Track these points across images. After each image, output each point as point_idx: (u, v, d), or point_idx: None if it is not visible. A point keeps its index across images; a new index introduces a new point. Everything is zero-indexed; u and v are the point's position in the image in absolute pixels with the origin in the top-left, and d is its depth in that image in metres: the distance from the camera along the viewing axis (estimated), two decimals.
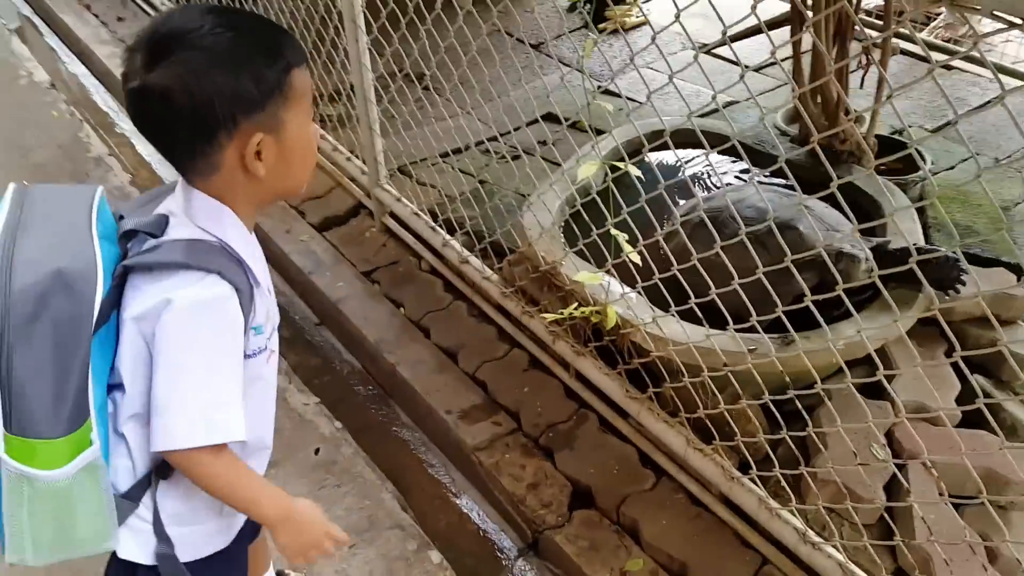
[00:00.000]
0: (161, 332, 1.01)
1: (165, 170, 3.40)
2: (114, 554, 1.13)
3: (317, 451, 2.12)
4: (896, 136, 2.86)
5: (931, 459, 1.74)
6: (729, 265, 1.60)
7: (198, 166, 1.05)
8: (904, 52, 3.52)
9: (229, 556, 1.25)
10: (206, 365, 1.03)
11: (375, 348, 2.45)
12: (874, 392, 1.86)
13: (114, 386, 1.07)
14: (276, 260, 2.89)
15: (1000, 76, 1.14)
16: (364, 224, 2.90)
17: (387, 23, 2.38)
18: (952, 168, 2.86)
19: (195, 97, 0.97)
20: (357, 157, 2.89)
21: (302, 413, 2.22)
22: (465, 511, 2.11)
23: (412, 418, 2.39)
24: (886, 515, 1.65)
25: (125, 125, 3.73)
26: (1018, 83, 3.13)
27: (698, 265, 1.68)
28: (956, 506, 1.74)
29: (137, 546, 1.12)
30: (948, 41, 3.75)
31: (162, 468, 1.10)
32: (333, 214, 2.96)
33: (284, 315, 2.71)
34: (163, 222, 1.08)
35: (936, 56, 3.53)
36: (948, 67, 3.48)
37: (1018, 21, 2.54)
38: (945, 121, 3.14)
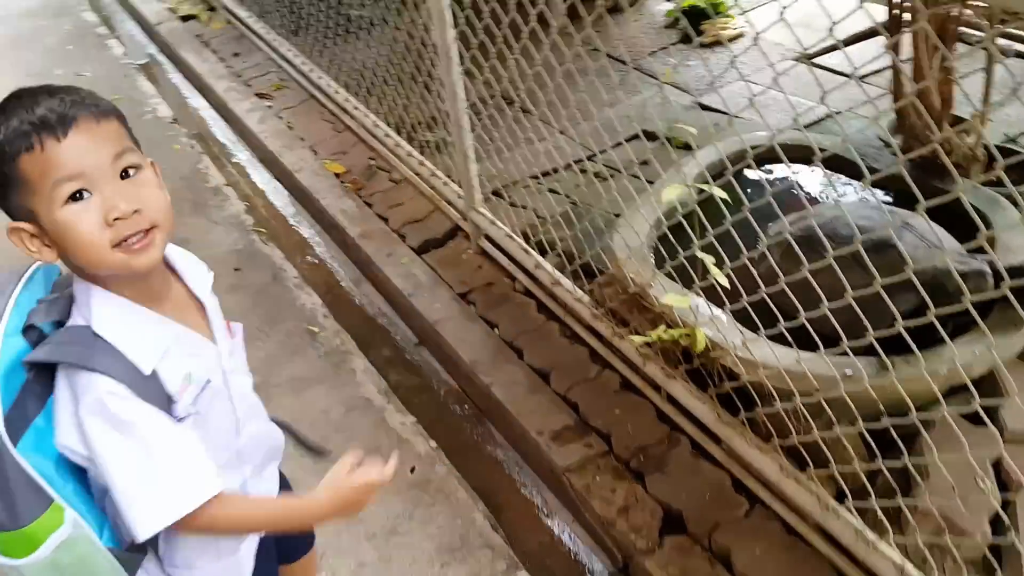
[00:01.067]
0: (86, 442, 1.02)
1: (278, 199, 3.60)
2: None
3: (413, 470, 2.19)
4: (1010, 145, 2.70)
5: None
6: (817, 288, 1.56)
7: None
8: (1020, 55, 3.31)
9: None
10: (138, 454, 1.03)
11: (470, 369, 2.51)
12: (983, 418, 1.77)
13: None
14: (380, 282, 3.01)
15: None
16: (461, 246, 2.98)
17: (477, 53, 2.45)
18: None
19: None
20: (453, 181, 2.98)
21: (400, 432, 2.30)
22: (556, 533, 2.14)
23: (506, 438, 2.43)
24: (988, 552, 1.56)
25: (241, 156, 3.97)
26: None
27: (786, 288, 1.64)
28: None
29: None
30: None
31: None
32: (432, 237, 3.06)
33: (386, 336, 2.84)
34: (67, 306, 1.08)
35: None
36: None
37: None
38: None
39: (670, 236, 1.99)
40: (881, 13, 2.43)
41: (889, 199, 2.49)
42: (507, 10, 2.19)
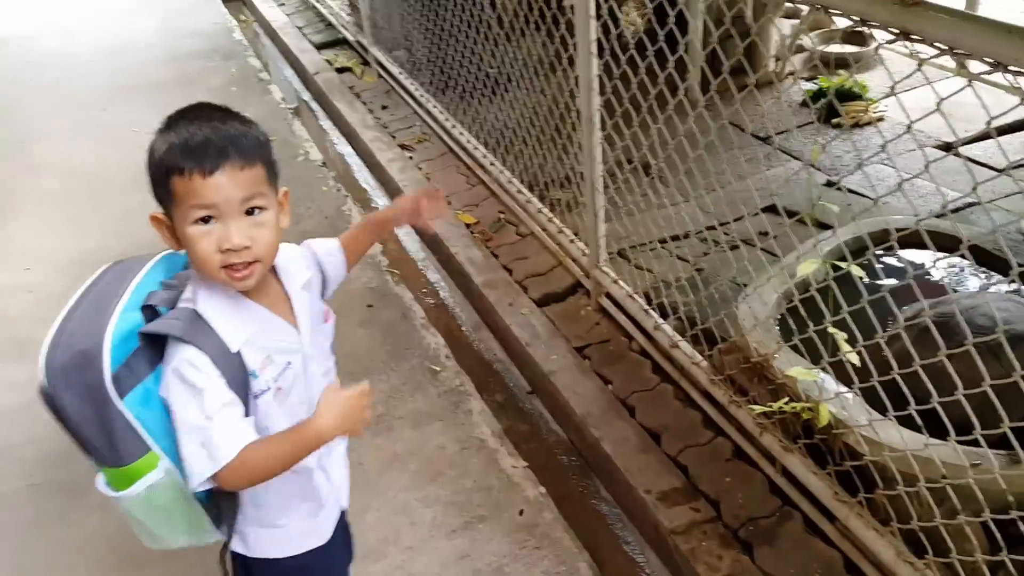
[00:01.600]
0: (167, 396, 1.23)
1: (411, 244, 3.80)
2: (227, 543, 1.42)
3: (521, 512, 2.25)
4: None
5: None
6: (953, 374, 1.55)
7: None
8: None
9: (328, 549, 1.50)
10: (194, 415, 1.21)
11: (581, 421, 2.56)
12: None
13: None
14: (499, 330, 3.12)
15: None
16: (581, 302, 3.06)
17: (620, 121, 2.57)
18: None
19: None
20: (580, 239, 3.08)
21: (510, 475, 2.37)
22: None
23: (611, 493, 2.46)
24: None
25: (380, 201, 4.22)
26: None
27: (920, 372, 1.64)
28: None
29: (236, 540, 1.42)
30: None
31: None
32: (553, 291, 3.16)
33: (500, 382, 2.93)
34: (179, 296, 1.29)
35: None
36: None
37: None
38: None
39: (801, 309, 2.00)
40: None
41: None
42: (656, 82, 2.30)
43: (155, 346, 1.25)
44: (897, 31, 1.38)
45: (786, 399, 1.99)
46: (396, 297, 3.23)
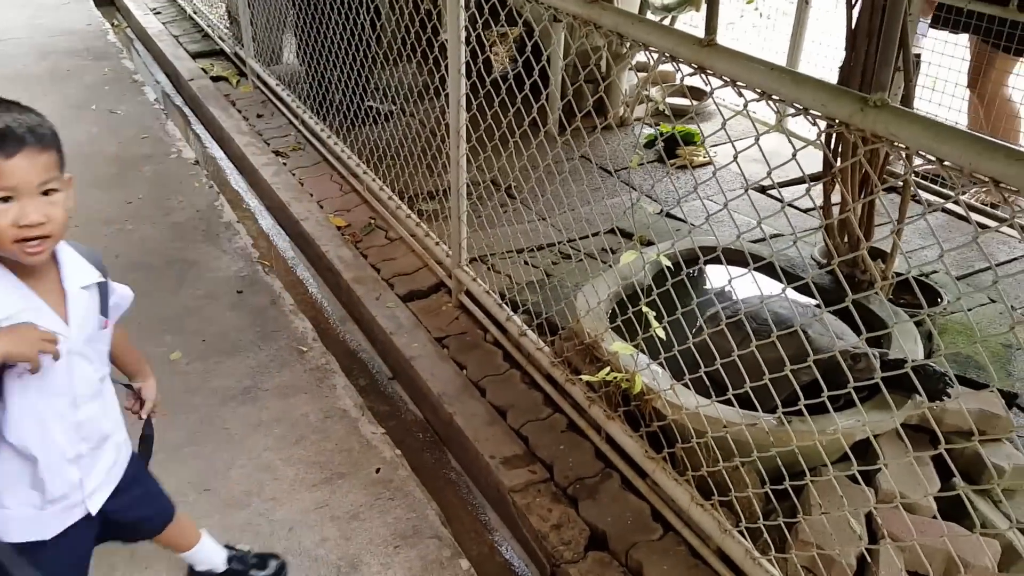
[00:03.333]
0: None
1: (281, 242, 3.98)
2: None
3: (378, 470, 2.49)
4: (923, 278, 3.20)
5: (901, 542, 2.00)
6: (737, 357, 1.96)
7: None
8: (946, 210, 3.91)
9: (49, 549, 1.54)
10: None
11: (437, 400, 2.84)
12: (864, 478, 2.14)
13: None
14: (364, 322, 3.36)
15: None
16: (442, 299, 3.36)
17: (478, 142, 2.92)
18: (970, 310, 3.16)
19: None
20: (444, 243, 3.39)
21: (370, 440, 2.60)
22: (496, 544, 2.43)
23: (460, 463, 2.75)
24: None
25: (251, 202, 4.37)
26: None
27: (711, 346, 2.04)
28: None
29: None
30: (987, 204, 4.09)
31: None
32: (417, 288, 3.44)
33: (364, 368, 3.17)
34: None
35: (975, 217, 3.88)
36: (983, 226, 3.82)
37: None
38: (974, 270, 3.47)
39: (627, 302, 2.39)
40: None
41: (817, 304, 2.93)
42: (512, 106, 2.66)
43: None
44: (696, 66, 1.79)
45: (610, 369, 2.36)
46: (266, 285, 3.40)
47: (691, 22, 5.68)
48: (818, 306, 2.81)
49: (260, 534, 2.22)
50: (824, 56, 4.88)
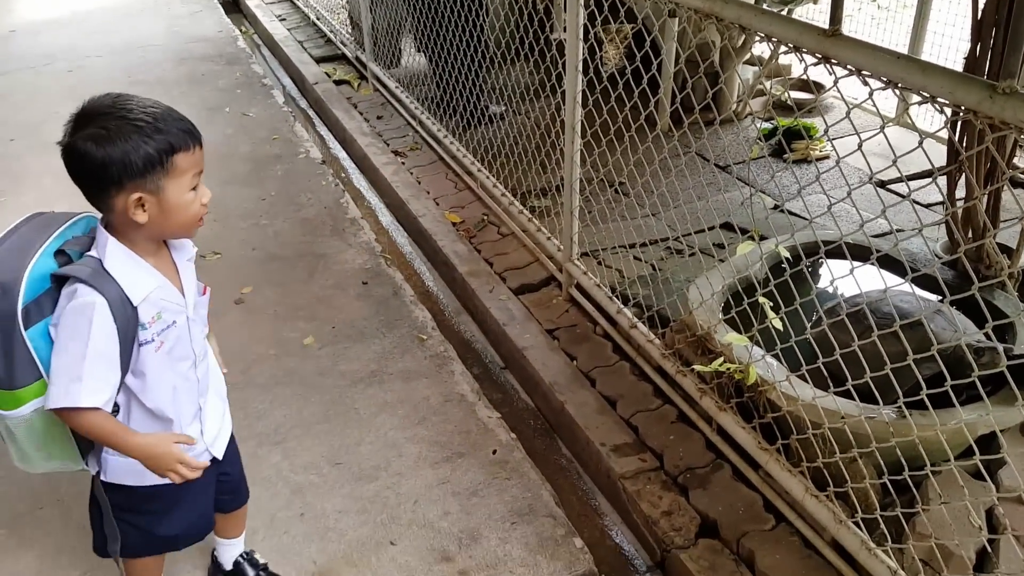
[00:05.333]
0: (59, 324, 1.44)
1: (399, 237, 4.18)
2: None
3: (495, 452, 2.60)
4: None
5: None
6: (858, 350, 1.97)
7: (100, 207, 1.47)
8: None
9: (159, 495, 1.69)
10: (75, 350, 1.41)
11: (548, 388, 2.94)
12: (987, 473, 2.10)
13: None
14: (478, 313, 3.50)
15: None
16: (553, 293, 3.45)
17: (592, 138, 2.99)
18: None
19: (96, 159, 1.38)
20: (555, 238, 3.48)
21: (486, 423, 2.72)
22: (607, 528, 2.50)
23: (571, 451, 2.83)
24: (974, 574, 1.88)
25: (373, 199, 4.60)
26: None
27: (831, 337, 2.05)
28: None
29: (94, 464, 1.66)
30: None
31: None
32: (529, 282, 3.54)
33: (477, 358, 3.30)
34: (89, 244, 1.51)
35: None
36: None
37: None
38: None
39: (742, 295, 2.41)
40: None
41: (940, 298, 2.86)
42: (627, 102, 2.73)
43: (61, 289, 1.46)
44: (820, 56, 1.81)
45: (723, 360, 2.39)
46: (388, 277, 3.59)
47: (806, 16, 5.57)
48: (941, 299, 2.78)
49: (388, 505, 2.38)
50: (947, 47, 4.70)
